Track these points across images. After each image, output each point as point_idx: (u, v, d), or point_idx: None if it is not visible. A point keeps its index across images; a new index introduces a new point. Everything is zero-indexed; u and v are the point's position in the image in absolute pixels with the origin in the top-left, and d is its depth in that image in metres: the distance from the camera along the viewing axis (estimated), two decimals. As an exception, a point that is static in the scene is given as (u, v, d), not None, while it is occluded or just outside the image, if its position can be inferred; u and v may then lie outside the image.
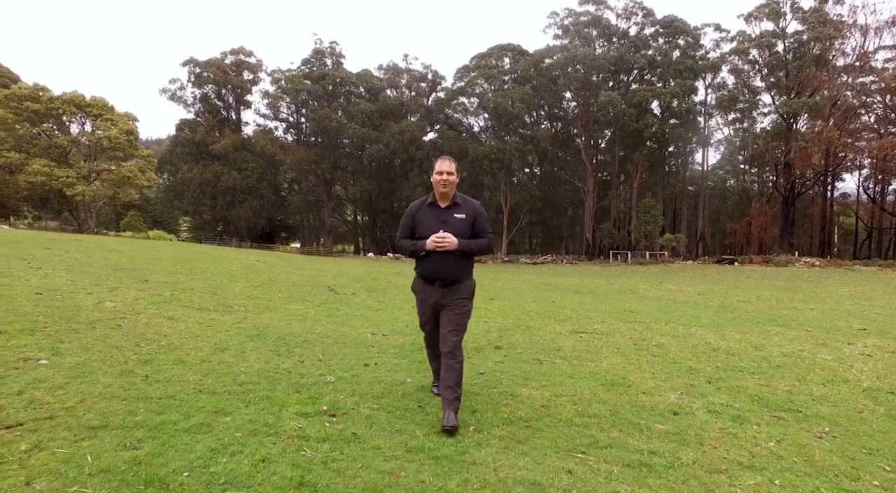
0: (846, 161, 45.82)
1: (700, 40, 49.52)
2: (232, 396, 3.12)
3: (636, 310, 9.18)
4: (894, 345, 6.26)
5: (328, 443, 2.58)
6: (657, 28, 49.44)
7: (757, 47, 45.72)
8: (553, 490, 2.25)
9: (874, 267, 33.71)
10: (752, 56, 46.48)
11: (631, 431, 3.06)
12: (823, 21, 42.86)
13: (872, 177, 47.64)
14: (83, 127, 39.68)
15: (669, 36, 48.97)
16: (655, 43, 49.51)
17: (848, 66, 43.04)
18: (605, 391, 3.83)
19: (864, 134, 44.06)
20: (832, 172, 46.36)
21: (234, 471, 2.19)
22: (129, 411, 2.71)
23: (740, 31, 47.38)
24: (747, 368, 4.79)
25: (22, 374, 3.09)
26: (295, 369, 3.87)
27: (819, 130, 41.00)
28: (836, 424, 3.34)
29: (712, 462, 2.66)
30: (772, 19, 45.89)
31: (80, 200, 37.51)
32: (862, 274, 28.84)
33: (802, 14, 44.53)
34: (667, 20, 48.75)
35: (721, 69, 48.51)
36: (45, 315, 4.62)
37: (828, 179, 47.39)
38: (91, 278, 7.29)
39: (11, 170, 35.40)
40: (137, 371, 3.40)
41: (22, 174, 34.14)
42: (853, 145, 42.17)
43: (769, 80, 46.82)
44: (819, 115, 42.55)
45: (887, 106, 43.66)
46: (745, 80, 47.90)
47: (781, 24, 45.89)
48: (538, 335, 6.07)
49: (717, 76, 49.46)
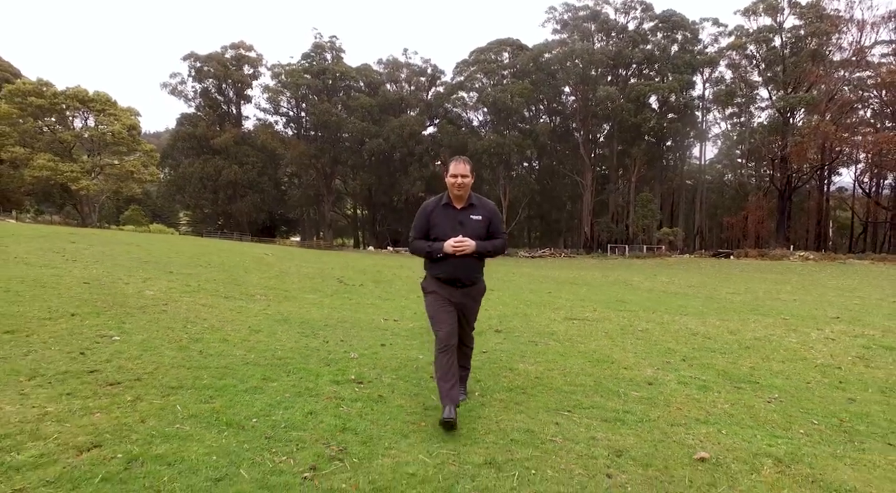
0: (842, 156, 46.31)
1: (698, 35, 49.84)
2: (274, 367, 3.71)
3: (627, 300, 9.78)
4: (859, 331, 6.86)
5: (360, 403, 3.16)
6: (656, 23, 49.71)
7: (754, 42, 46.03)
8: (542, 435, 2.84)
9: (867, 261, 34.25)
10: (749, 51, 46.78)
11: (610, 396, 3.64)
12: (820, 16, 43.18)
13: (868, 171, 48.15)
14: (86, 122, 40.02)
15: (668, 30, 49.25)
16: (654, 37, 49.78)
17: (844, 61, 43.39)
18: (590, 367, 4.42)
19: (861, 129, 44.49)
20: (828, 167, 46.85)
21: (290, 419, 2.77)
22: (196, 376, 3.30)
23: (738, 26, 47.67)
24: (720, 349, 5.38)
25: (103, 347, 3.69)
26: (322, 348, 4.46)
27: (815, 124, 41.46)
28: (785, 392, 3.93)
29: (674, 418, 3.25)
30: (769, 14, 46.18)
31: (84, 195, 37.95)
32: (853, 267, 29.39)
33: (800, 9, 44.83)
34: (665, 15, 49.02)
35: (719, 64, 48.85)
36: (101, 301, 5.20)
37: (824, 174, 47.89)
38: (123, 269, 7.87)
39: (16, 164, 35.81)
40: (192, 347, 3.99)
41: (27, 169, 34.56)
42: (850, 140, 42.62)
43: (766, 75, 47.20)
44: (815, 109, 42.95)
45: (883, 101, 44.10)
46: (742, 75, 48.27)
47: (779, 19, 46.18)
48: (534, 321, 6.67)
49: (715, 71, 49.80)
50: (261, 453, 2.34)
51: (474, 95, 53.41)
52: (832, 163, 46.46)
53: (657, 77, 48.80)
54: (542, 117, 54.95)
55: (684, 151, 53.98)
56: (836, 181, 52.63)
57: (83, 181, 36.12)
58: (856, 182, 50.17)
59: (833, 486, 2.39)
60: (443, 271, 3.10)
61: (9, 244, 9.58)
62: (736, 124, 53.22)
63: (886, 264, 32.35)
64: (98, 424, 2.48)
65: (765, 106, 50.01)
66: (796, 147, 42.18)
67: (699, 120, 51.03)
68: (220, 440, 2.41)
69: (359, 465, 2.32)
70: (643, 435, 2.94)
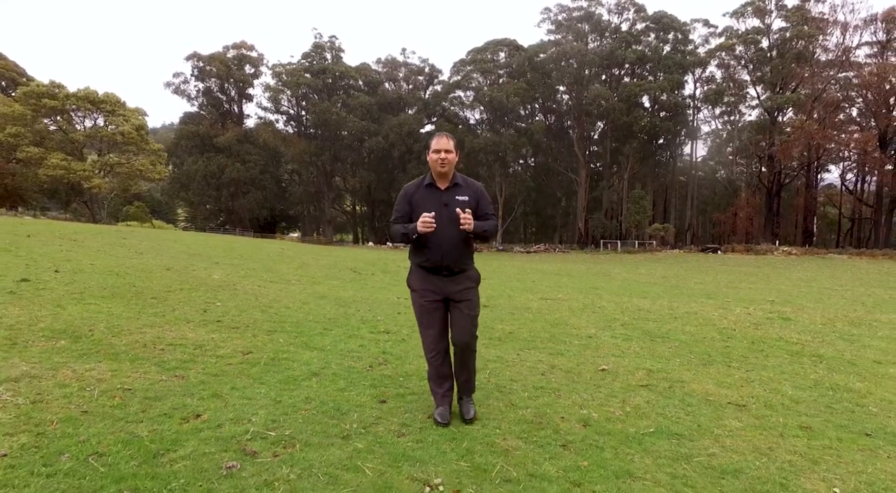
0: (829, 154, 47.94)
1: (689, 35, 51.38)
2: (328, 323, 5.37)
3: (599, 287, 11.47)
4: (777, 309, 8.54)
5: (390, 342, 4.82)
6: (648, 24, 51.19)
7: (743, 43, 47.61)
8: (507, 359, 4.51)
9: (845, 256, 35.91)
10: (738, 51, 48.36)
11: (559, 343, 5.31)
12: (805, 19, 44.77)
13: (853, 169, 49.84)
14: (95, 122, 41.43)
15: (660, 31, 50.78)
16: (646, 38, 51.28)
17: (830, 61, 44.96)
18: (550, 327, 6.09)
19: (848, 127, 46.13)
20: (816, 165, 48.51)
21: (350, 347, 4.44)
22: (281, 327, 4.97)
23: (728, 27, 49.21)
24: (653, 318, 7.06)
25: (214, 308, 5.42)
26: (356, 314, 6.12)
27: (799, 124, 43.12)
28: (684, 342, 5.60)
29: (597, 354, 4.91)
30: (757, 16, 47.76)
31: (96, 193, 39.44)
32: (829, 261, 31.05)
33: (786, 12, 46.42)
34: (657, 16, 50.51)
35: (710, 64, 50.42)
36: (189, 282, 6.88)
37: (811, 172, 49.56)
38: (181, 260, 9.52)
39: (31, 164, 37.26)
40: (269, 311, 5.67)
41: (42, 168, 36.01)
42: (837, 137, 44.17)
43: (755, 75, 48.78)
44: (802, 109, 44.60)
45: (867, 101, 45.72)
46: (732, 75, 49.84)
47: (767, 21, 47.74)
48: (515, 300, 8.34)
49: (705, 70, 51.37)
50: (339, 360, 4.00)
51: (471, 94, 54.87)
52: (818, 161, 48.16)
53: (649, 76, 50.34)
54: (537, 116, 56.49)
55: (676, 148, 55.60)
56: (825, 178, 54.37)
57: (95, 180, 37.62)
58: (841, 180, 51.96)
59: (674, 379, 4.06)
60: (427, 258, 2.85)
61: (82, 240, 11.19)
62: (726, 123, 54.86)
63: (863, 258, 34.05)
64: (245, 344, 4.16)
65: (755, 105, 51.66)
66: (783, 146, 43.85)
67: (690, 119, 52.64)
68: (313, 355, 4.08)
69: (396, 366, 3.99)
70: (571, 359, 4.61)
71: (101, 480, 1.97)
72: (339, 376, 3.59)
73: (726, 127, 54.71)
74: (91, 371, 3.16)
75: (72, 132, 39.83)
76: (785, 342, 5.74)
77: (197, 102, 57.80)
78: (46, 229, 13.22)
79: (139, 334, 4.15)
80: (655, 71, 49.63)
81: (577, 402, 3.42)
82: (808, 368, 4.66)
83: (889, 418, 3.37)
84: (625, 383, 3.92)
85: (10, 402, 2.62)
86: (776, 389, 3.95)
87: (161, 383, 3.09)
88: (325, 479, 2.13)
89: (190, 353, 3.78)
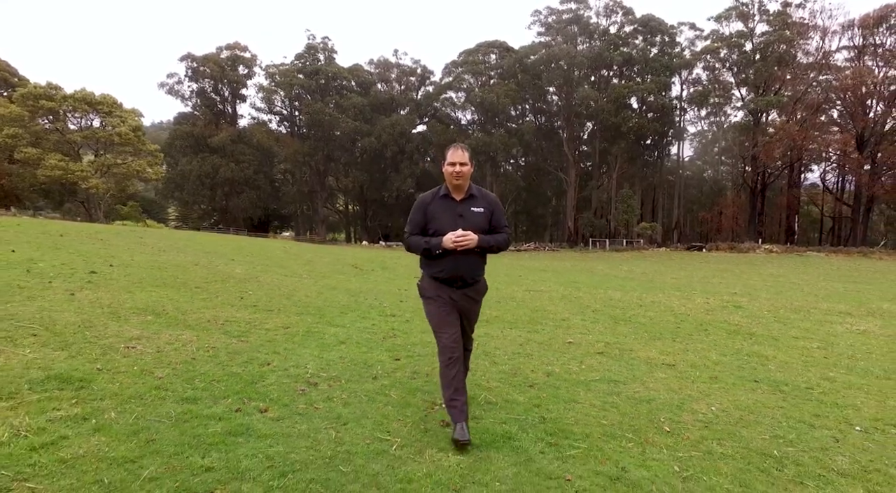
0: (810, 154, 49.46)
1: (676, 38, 52.77)
2: (343, 308, 6.37)
3: (579, 281, 12.55)
4: (736, 299, 9.66)
5: (398, 322, 5.83)
6: (636, 26, 52.48)
7: (727, 47, 49.07)
8: (494, 334, 5.53)
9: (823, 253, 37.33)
10: (723, 54, 49.82)
11: (536, 325, 6.35)
12: (786, 23, 46.31)
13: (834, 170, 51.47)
14: (91, 123, 41.92)
15: (647, 34, 52.11)
16: (634, 41, 52.58)
17: (810, 64, 46.51)
18: (530, 313, 7.14)
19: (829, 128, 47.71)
20: (798, 165, 50.04)
21: (365, 325, 5.45)
22: (305, 310, 5.96)
23: (713, 30, 50.62)
24: (621, 307, 8.13)
25: (248, 295, 6.41)
26: (364, 302, 7.12)
27: (780, 125, 44.65)
28: (643, 325, 6.66)
29: (568, 332, 5.95)
30: (741, 20, 49.26)
31: (94, 193, 39.97)
32: (806, 258, 32.38)
33: (769, 17, 47.94)
34: (645, 19, 51.82)
35: (696, 66, 51.83)
36: (216, 275, 7.84)
37: (794, 172, 51.11)
38: (203, 257, 10.46)
39: (28, 164, 37.72)
40: (292, 298, 6.65)
41: (40, 169, 36.50)
42: (818, 138, 45.66)
43: (739, 77, 50.26)
44: (784, 111, 46.12)
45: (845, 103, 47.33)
46: (717, 77, 51.29)
47: (750, 25, 49.22)
48: (502, 292, 9.39)
49: (692, 73, 52.77)
50: (358, 334, 5.02)
51: (462, 95, 55.90)
52: (800, 161, 49.71)
53: (637, 78, 51.64)
54: (527, 116, 57.63)
55: (663, 149, 57.01)
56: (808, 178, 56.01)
57: (92, 180, 38.16)
58: (822, 180, 53.66)
59: (625, 348, 5.12)
60: (442, 269, 2.87)
61: (107, 239, 12.05)
62: (712, 124, 56.37)
63: (839, 255, 35.53)
64: (283, 321, 5.17)
65: (740, 106, 53.18)
66: (765, 146, 45.32)
67: (677, 120, 54.04)
68: (337, 330, 5.10)
69: (404, 338, 5.02)
70: (545, 335, 5.66)
71: (225, 391, 3.06)
72: (361, 344, 4.60)
73: (712, 128, 56.20)
74: (181, 336, 4.15)
75: (69, 133, 40.30)
76: (727, 324, 6.83)
77: (191, 102, 58.25)
78: (65, 229, 14.05)
79: (199, 313, 5.13)
80: (643, 73, 50.92)
81: (544, 362, 4.47)
82: (738, 342, 5.75)
83: (779, 372, 4.45)
84: (585, 351, 4.97)
85: (143, 351, 3.64)
86: (704, 355, 5.03)
87: (233, 344, 4.09)
88: (365, 399, 3.16)
89: (244, 326, 4.78)
